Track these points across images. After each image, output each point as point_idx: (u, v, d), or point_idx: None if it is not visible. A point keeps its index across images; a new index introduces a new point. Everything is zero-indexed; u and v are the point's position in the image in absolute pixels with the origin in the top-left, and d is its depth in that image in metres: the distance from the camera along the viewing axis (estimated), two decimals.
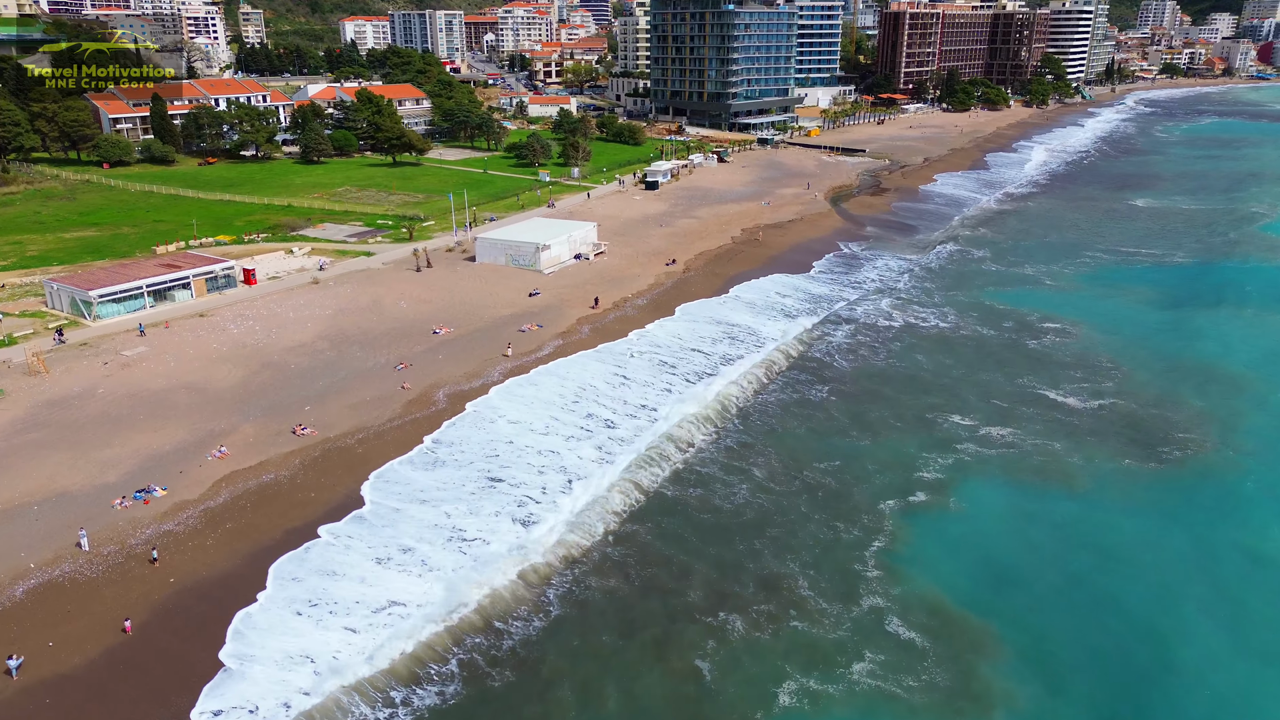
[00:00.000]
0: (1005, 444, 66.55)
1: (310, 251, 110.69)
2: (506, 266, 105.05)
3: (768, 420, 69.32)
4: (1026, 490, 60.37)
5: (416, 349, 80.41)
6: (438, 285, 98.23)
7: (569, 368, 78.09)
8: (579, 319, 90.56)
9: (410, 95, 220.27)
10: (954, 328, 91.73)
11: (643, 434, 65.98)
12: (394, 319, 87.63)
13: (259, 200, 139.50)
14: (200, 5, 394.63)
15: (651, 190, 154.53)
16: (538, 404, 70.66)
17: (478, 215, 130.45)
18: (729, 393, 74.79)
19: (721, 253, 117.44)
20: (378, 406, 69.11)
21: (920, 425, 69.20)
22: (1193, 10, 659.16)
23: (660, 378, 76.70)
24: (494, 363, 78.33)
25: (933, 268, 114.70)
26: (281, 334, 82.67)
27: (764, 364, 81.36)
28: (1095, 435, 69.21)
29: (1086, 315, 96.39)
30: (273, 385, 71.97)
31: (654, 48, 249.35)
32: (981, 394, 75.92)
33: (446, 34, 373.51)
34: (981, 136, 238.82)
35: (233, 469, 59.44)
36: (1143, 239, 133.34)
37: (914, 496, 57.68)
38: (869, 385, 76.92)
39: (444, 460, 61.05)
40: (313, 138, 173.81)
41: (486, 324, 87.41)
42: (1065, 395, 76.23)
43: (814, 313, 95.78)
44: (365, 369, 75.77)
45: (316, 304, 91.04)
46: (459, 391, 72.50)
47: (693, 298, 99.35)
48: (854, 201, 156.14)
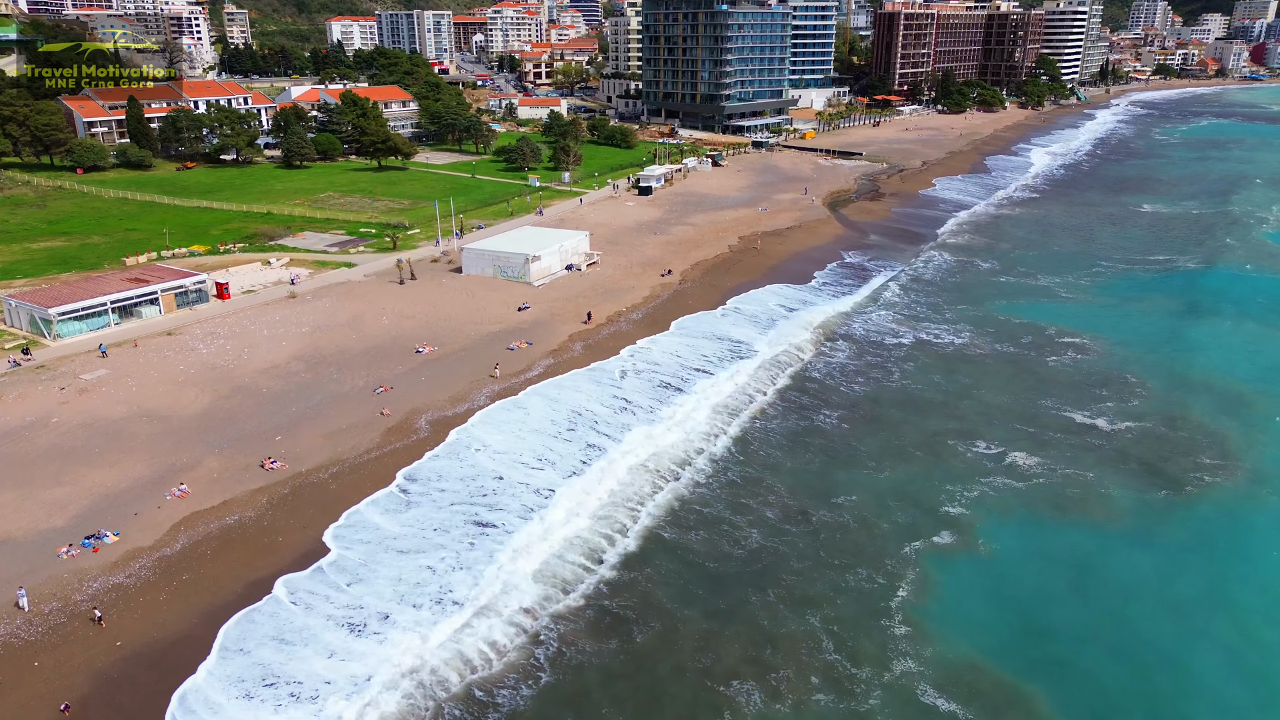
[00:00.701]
0: (1033, 474, 61.94)
1: (289, 262, 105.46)
2: (495, 278, 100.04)
3: (774, 451, 64.36)
4: (1058, 528, 55.80)
5: (398, 370, 75.37)
6: (422, 299, 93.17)
7: (561, 390, 73.20)
8: (571, 335, 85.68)
9: (396, 97, 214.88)
10: (969, 345, 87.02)
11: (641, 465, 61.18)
12: (374, 337, 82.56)
13: (237, 207, 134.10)
14: (184, 5, 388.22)
15: (645, 196, 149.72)
16: (528, 431, 65.74)
17: (465, 223, 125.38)
18: (731, 417, 69.88)
19: (719, 262, 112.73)
20: (354, 435, 64.06)
21: (941, 454, 64.51)
22: (1184, 11, 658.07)
23: (658, 399, 71.85)
24: (480, 384, 73.37)
25: (939, 279, 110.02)
26: (254, 354, 77.49)
27: (767, 385, 76.48)
28: (1124, 462, 64.74)
29: (1104, 329, 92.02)
30: (242, 412, 66.83)
31: (646, 48, 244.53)
32: (1004, 417, 71.37)
33: (434, 34, 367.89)
34: (979, 139, 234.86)
35: (193, 509, 54.34)
36: (1152, 245, 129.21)
37: (939, 537, 52.95)
38: (883, 410, 72.07)
39: (423, 498, 55.99)
40: (295, 142, 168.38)
41: (473, 341, 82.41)
42: (1091, 417, 71.80)
43: (819, 328, 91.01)
44: (342, 393, 70.69)
45: (293, 320, 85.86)
46: (442, 418, 67.51)
47: (690, 311, 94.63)
48: (853, 207, 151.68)
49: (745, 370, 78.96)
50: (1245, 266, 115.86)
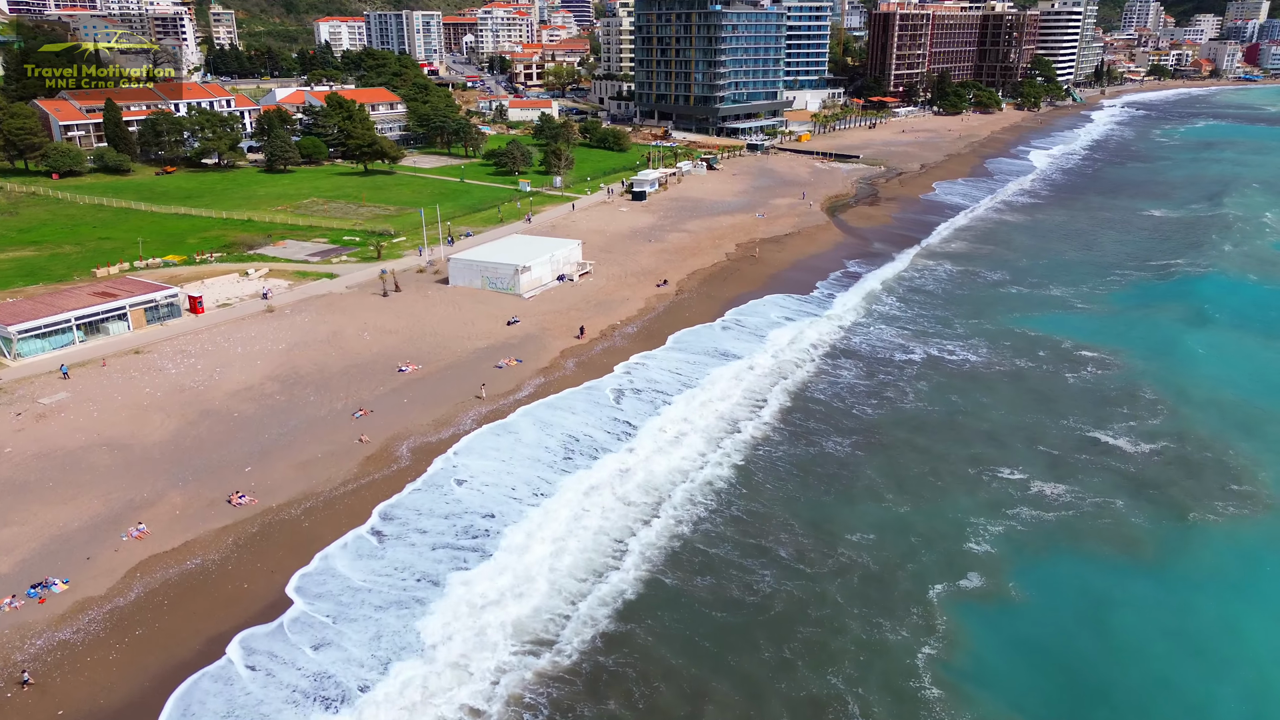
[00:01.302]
0: (1062, 504, 57.86)
1: (268, 273, 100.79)
2: (483, 290, 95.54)
3: (783, 483, 59.88)
4: (1093, 565, 51.70)
5: (379, 391, 70.84)
6: (406, 313, 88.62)
7: (554, 412, 68.79)
8: (563, 351, 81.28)
9: (384, 99, 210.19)
10: (986, 362, 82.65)
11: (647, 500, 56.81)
12: (355, 354, 77.99)
13: (216, 214, 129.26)
14: (169, 5, 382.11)
15: (639, 201, 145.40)
16: (519, 459, 61.31)
17: (452, 230, 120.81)
18: (735, 444, 65.55)
19: (716, 271, 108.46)
20: (330, 465, 59.53)
21: (965, 483, 60.32)
22: (1176, 11, 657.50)
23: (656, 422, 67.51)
24: (466, 406, 68.89)
25: (947, 291, 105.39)
26: (226, 374, 72.85)
27: (773, 408, 72.16)
28: (1154, 488, 60.71)
29: (1123, 341, 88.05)
30: (211, 440, 62.22)
31: (638, 49, 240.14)
32: (1028, 440, 67.29)
33: (424, 35, 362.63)
34: (977, 141, 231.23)
35: (151, 552, 49.76)
36: (1161, 252, 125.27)
37: (966, 580, 48.67)
38: (898, 434, 67.62)
39: (400, 541, 51.35)
40: (278, 145, 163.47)
41: (459, 359, 77.92)
42: (1116, 437, 67.82)
43: (824, 344, 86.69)
44: (319, 417, 66.14)
45: (269, 336, 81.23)
46: (425, 444, 63.03)
47: (687, 324, 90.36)
48: (852, 212, 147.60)
49: (747, 390, 74.69)
50: (1249, 276, 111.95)
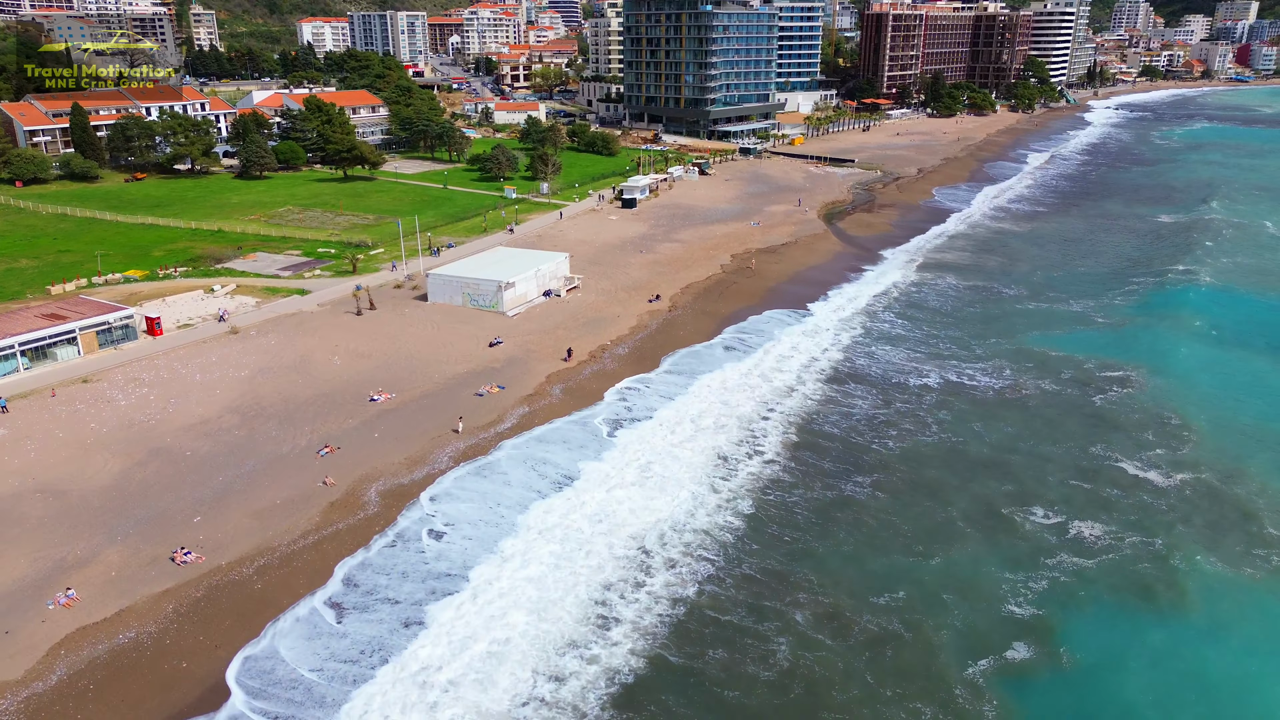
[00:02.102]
0: (1101, 548, 52.90)
1: (235, 290, 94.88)
2: (463, 307, 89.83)
3: (799, 533, 54.11)
4: (1141, 620, 46.72)
5: (348, 424, 65.09)
6: (380, 333, 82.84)
7: (539, 447, 63.19)
8: (549, 375, 75.66)
9: (365, 102, 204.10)
10: (1008, 386, 77.01)
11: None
12: (324, 381, 72.18)
13: (185, 224, 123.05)
14: (148, 6, 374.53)
15: (629, 209, 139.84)
16: (503, 505, 55.68)
17: (433, 241, 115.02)
18: (740, 487, 60.04)
19: (711, 285, 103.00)
20: (289, 513, 53.79)
21: (996, 528, 55.10)
22: (1165, 12, 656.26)
23: (651, 460, 62.00)
24: (442, 441, 63.23)
25: (956, 306, 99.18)
26: (181, 405, 66.96)
27: (780, 442, 66.66)
28: (1188, 526, 55.71)
29: (1143, 357, 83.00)
30: (158, 484, 56.38)
31: (627, 50, 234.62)
32: (1058, 473, 62.28)
33: (409, 36, 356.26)
34: (973, 144, 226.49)
35: (80, 623, 43.97)
36: (1177, 260, 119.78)
37: (1013, 651, 43.19)
38: (922, 472, 62.17)
39: (364, 615, 45.53)
40: (253, 150, 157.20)
41: (437, 386, 72.21)
42: (1145, 468, 62.79)
43: (831, 368, 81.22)
44: (280, 455, 60.36)
45: (231, 361, 75.33)
46: (397, 487, 57.37)
47: (682, 343, 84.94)
48: (850, 220, 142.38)
49: (753, 421, 69.25)
50: (1266, 290, 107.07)
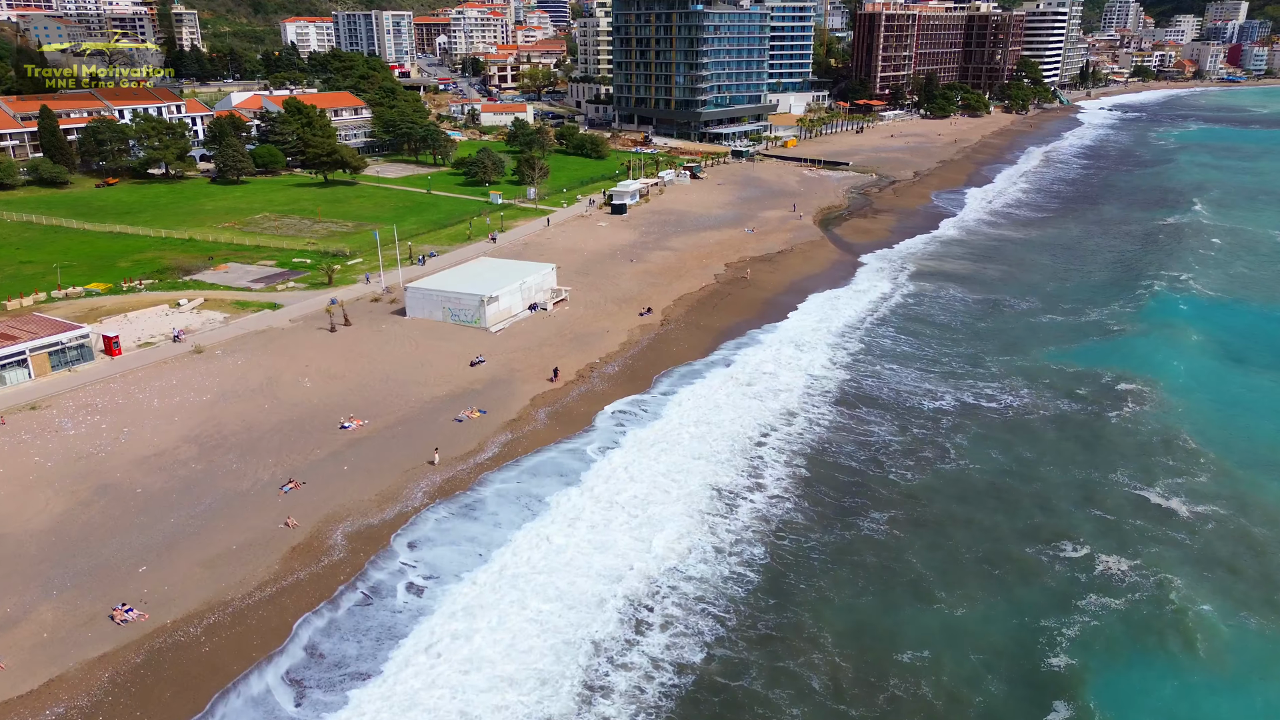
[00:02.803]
0: (1126, 587, 49.15)
1: (203, 304, 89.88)
2: (444, 323, 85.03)
3: (816, 581, 49.45)
4: (1176, 672, 42.85)
5: (315, 455, 60.28)
6: (355, 352, 77.98)
7: (521, 483, 58.47)
8: (534, 398, 70.97)
9: (348, 104, 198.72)
10: (1027, 407, 72.69)
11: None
12: (291, 406, 67.32)
13: (155, 233, 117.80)
14: (129, 6, 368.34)
15: (619, 215, 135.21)
16: (483, 547, 50.95)
17: (414, 250, 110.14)
18: (745, 528, 55.46)
19: (705, 297, 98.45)
20: (246, 560, 48.98)
21: (1023, 569, 51.03)
22: (1155, 12, 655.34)
23: (644, 500, 57.43)
24: (417, 475, 58.51)
25: (965, 322, 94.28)
26: (136, 435, 62.03)
27: (783, 474, 62.11)
28: (1211, 568, 51.51)
29: (1157, 369, 78.98)
30: (103, 527, 51.49)
31: (616, 51, 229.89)
32: (1080, 501, 58.47)
33: (395, 36, 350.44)
34: (969, 146, 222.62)
35: (4, 697, 39.09)
36: (1185, 265, 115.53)
37: (1054, 715, 38.89)
38: (942, 506, 57.94)
39: (329, 688, 40.90)
40: (230, 155, 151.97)
41: (413, 410, 67.45)
42: (1165, 497, 58.81)
43: (834, 388, 76.65)
44: (239, 492, 55.52)
45: (193, 384, 70.38)
46: (365, 529, 52.60)
47: (675, 361, 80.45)
48: (847, 226, 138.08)
49: (759, 450, 64.72)
50: (1274, 305, 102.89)
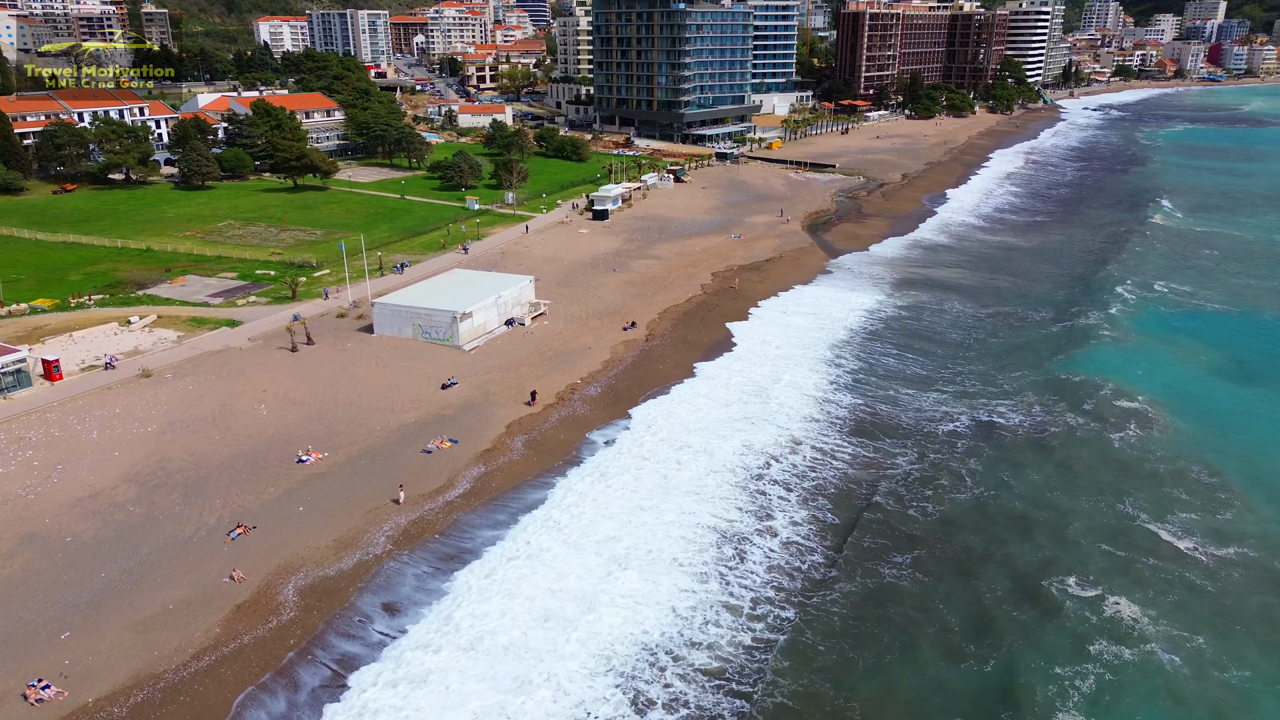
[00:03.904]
0: (1140, 635, 45.04)
1: (155, 321, 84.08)
2: (414, 341, 79.66)
3: (838, 642, 44.45)
4: None
5: (268, 493, 54.86)
6: (316, 374, 72.47)
7: (499, 523, 53.30)
8: (510, 425, 65.82)
9: (320, 106, 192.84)
10: (1037, 425, 68.31)
11: None
12: (245, 437, 61.82)
13: (112, 243, 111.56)
14: (96, 5, 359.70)
15: (600, 220, 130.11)
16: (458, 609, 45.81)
17: (385, 260, 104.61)
18: (754, 577, 50.48)
19: (692, 308, 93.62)
20: (183, 622, 43.57)
21: (1036, 609, 47.07)
22: (1135, 11, 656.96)
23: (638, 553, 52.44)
24: (381, 516, 53.23)
25: (962, 333, 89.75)
26: (70, 474, 56.38)
27: (799, 513, 57.19)
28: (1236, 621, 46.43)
29: (1160, 389, 74.60)
30: (24, 584, 45.89)
31: (597, 51, 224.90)
32: (1089, 534, 54.24)
33: (370, 35, 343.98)
34: (956, 147, 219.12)
35: None
36: (1179, 272, 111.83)
37: None
38: (960, 539, 53.79)
39: None
40: (194, 159, 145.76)
41: (378, 441, 62.11)
42: (1180, 536, 54.18)
43: (844, 410, 71.83)
44: (181, 540, 50.05)
45: (138, 413, 64.72)
46: (321, 581, 47.26)
47: (662, 380, 75.54)
48: (836, 232, 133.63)
49: (764, 485, 59.84)
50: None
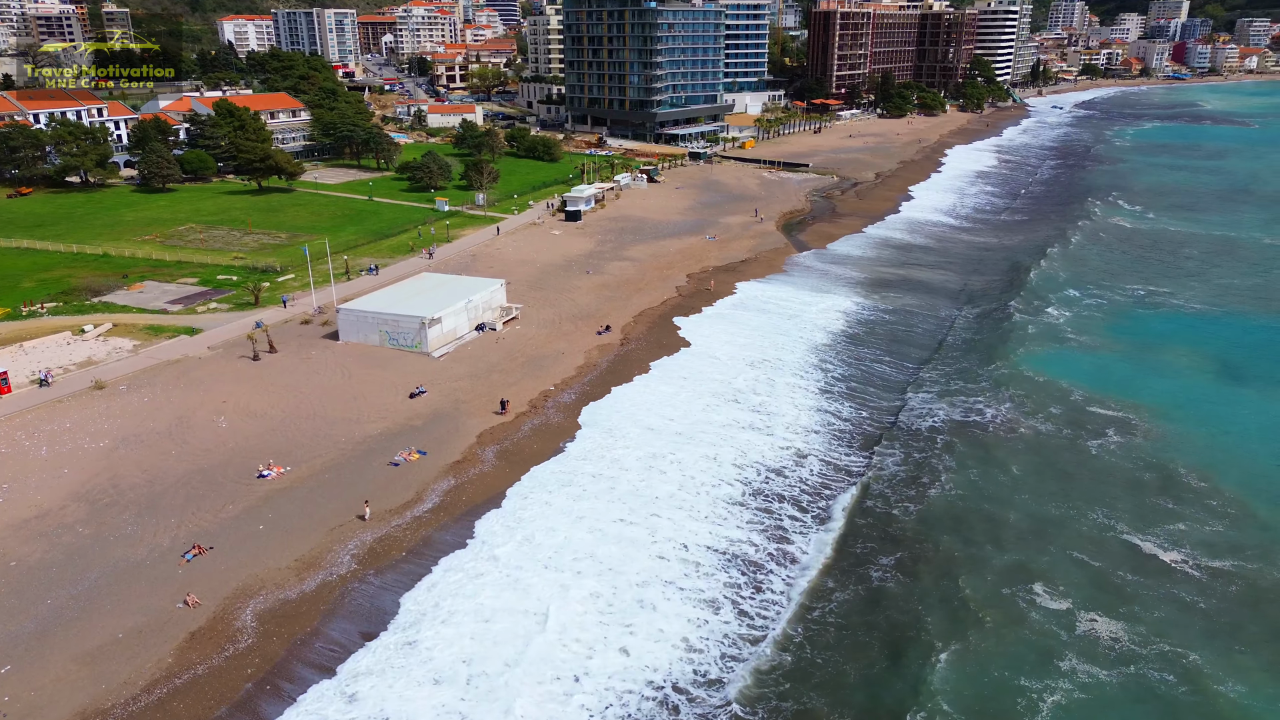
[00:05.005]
0: (1120, 655, 43.51)
1: (110, 329, 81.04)
2: (381, 347, 77.23)
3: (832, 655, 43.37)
4: None
5: (227, 511, 52.37)
6: (279, 384, 69.89)
7: (471, 546, 51.15)
8: (481, 435, 63.69)
9: (285, 106, 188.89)
10: (1006, 423, 67.77)
11: None
12: (203, 451, 59.20)
13: (67, 248, 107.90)
14: (54, 4, 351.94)
15: (573, 221, 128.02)
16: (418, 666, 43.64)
17: (351, 264, 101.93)
18: (769, 602, 48.77)
19: (667, 311, 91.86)
20: (134, 652, 41.12)
21: (1004, 617, 46.02)
22: (1100, 10, 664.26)
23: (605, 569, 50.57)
24: (346, 534, 50.93)
25: (939, 331, 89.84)
26: (16, 493, 53.55)
27: (772, 509, 55.60)
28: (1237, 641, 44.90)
29: (1139, 394, 73.71)
30: None
31: (568, 50, 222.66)
32: (1060, 542, 53.02)
33: (338, 35, 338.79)
34: (928, 146, 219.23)
35: None
36: (1150, 273, 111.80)
37: None
38: (935, 540, 52.98)
39: None
40: (154, 161, 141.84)
41: (343, 454, 59.73)
42: (1163, 548, 52.41)
43: (807, 413, 70.57)
44: (133, 563, 47.51)
45: (89, 428, 61.89)
46: (282, 605, 44.93)
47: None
48: (811, 232, 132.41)
49: (747, 498, 58.15)
50: (1272, 313, 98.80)
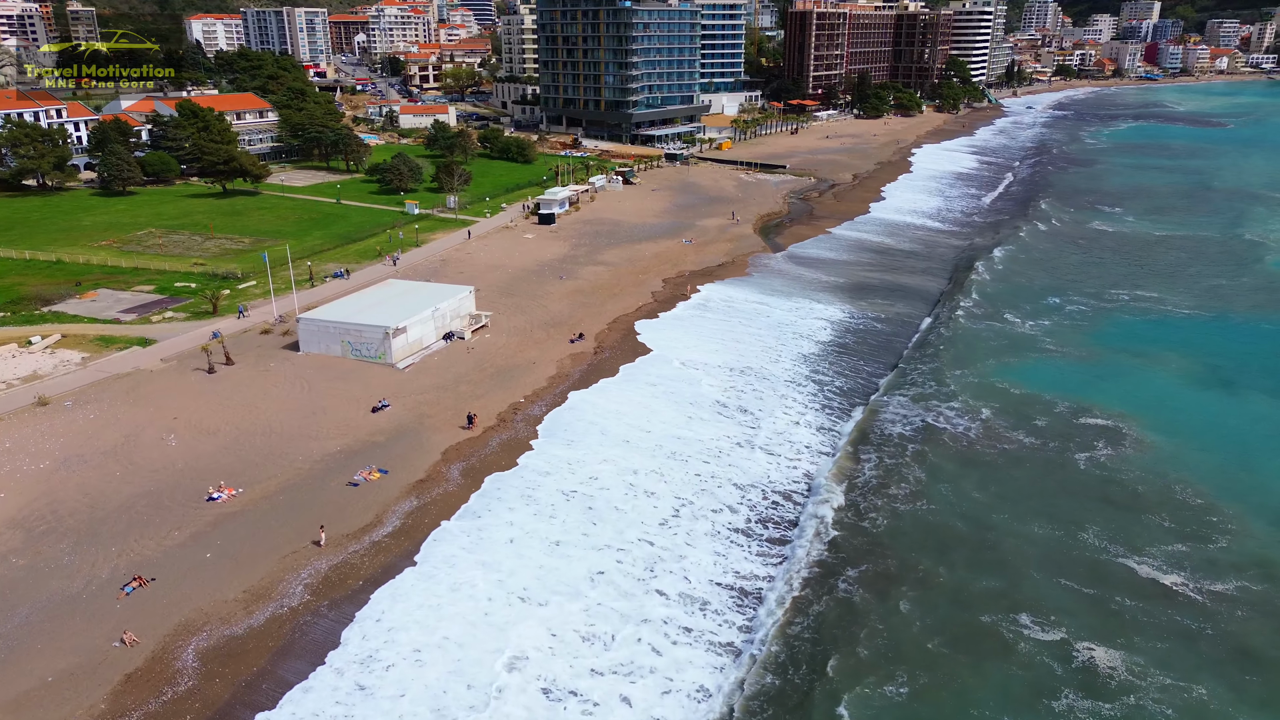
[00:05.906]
0: (1119, 688, 41.18)
1: (59, 341, 77.39)
2: (344, 359, 74.12)
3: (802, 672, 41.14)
4: None
5: (172, 538, 49.27)
6: (235, 399, 66.68)
7: (436, 575, 48.28)
8: (446, 451, 60.85)
9: (252, 106, 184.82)
10: (981, 434, 65.95)
11: None
12: (150, 472, 55.98)
13: (19, 254, 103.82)
14: (17, 3, 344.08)
15: (547, 224, 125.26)
16: (387, 685, 40.80)
17: (315, 270, 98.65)
18: (766, 616, 46.33)
19: (641, 319, 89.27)
20: (65, 697, 38.07)
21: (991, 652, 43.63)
22: (1073, 11, 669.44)
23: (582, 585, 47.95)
24: (299, 561, 47.99)
25: (912, 329, 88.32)
26: None
27: (750, 524, 53.21)
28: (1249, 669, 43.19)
29: (1129, 403, 72.07)
30: None
31: (543, 50, 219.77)
32: (1045, 566, 50.67)
33: (309, 34, 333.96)
34: (905, 146, 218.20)
35: None
36: (1131, 278, 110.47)
37: None
38: (910, 559, 50.75)
39: None
40: (114, 163, 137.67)
41: (299, 474, 56.70)
42: (1162, 570, 50.21)
43: (809, 414, 68.31)
44: (69, 596, 44.36)
45: (30, 447, 58.48)
46: (226, 644, 41.94)
47: None
48: (789, 234, 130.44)
49: (729, 509, 55.70)
50: (1261, 313, 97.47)
